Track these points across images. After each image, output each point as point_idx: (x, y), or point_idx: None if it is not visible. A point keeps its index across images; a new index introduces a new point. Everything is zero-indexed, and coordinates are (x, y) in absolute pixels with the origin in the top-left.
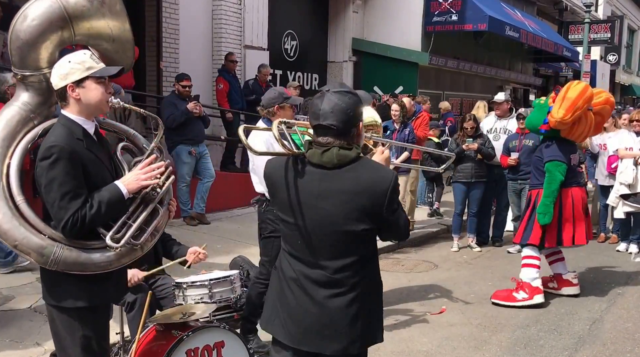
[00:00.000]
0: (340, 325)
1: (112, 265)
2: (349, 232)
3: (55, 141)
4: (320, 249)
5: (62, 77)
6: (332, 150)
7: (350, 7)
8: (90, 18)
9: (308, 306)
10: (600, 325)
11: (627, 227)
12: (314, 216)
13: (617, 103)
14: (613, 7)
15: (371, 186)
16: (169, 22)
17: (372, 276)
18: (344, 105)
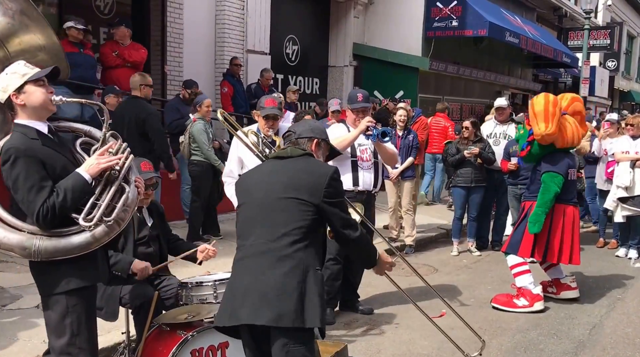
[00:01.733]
0: (273, 293)
1: (93, 245)
2: (285, 198)
3: (10, 144)
4: (263, 218)
5: (3, 90)
6: (288, 147)
7: (352, 13)
8: (17, 34)
9: (247, 279)
10: (600, 330)
11: (626, 232)
12: (263, 187)
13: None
14: (612, 14)
15: (313, 169)
16: (173, 27)
17: (309, 259)
18: (308, 124)
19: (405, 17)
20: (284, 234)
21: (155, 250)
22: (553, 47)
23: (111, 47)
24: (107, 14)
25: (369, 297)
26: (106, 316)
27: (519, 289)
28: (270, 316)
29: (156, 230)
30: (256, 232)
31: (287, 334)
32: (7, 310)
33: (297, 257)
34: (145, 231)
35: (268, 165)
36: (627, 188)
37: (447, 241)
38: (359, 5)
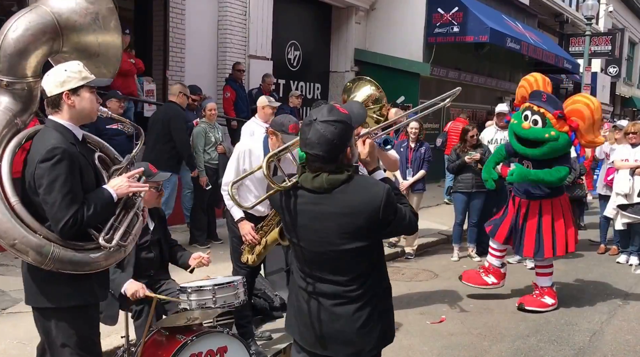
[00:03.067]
0: (350, 331)
1: (101, 265)
2: (346, 251)
3: (57, 143)
4: (323, 266)
5: (58, 85)
6: (321, 175)
7: (353, 19)
8: (80, 32)
9: (318, 314)
10: (600, 337)
11: (626, 239)
12: (312, 237)
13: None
14: (614, 20)
15: (364, 206)
16: (175, 32)
17: (379, 283)
18: (330, 136)
19: (407, 23)
20: (351, 280)
21: (157, 255)
22: (554, 53)
23: (127, 55)
24: None
25: None
26: (105, 319)
27: (542, 289)
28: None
29: (157, 234)
30: (319, 277)
31: None
32: (7, 313)
33: (368, 293)
34: (147, 236)
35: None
36: (626, 195)
37: (447, 247)
38: (360, 11)
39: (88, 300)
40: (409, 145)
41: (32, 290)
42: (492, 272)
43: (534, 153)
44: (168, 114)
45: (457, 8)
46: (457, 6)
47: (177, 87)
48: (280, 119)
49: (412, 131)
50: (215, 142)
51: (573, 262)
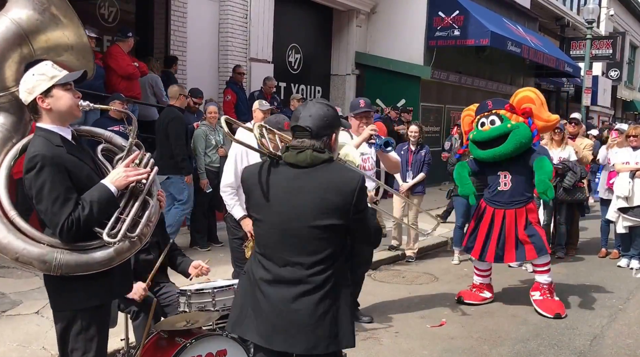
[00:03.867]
0: (307, 323)
1: (114, 261)
2: (317, 227)
3: (35, 151)
4: (291, 245)
5: (29, 91)
6: (306, 151)
7: (354, 22)
8: (45, 30)
9: (278, 305)
10: (601, 341)
11: (627, 242)
12: (286, 210)
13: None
14: (615, 24)
15: (341, 184)
16: (177, 35)
17: (341, 278)
18: (322, 113)
19: (408, 26)
20: (317, 262)
21: (155, 257)
22: (555, 57)
23: (130, 59)
24: (112, 23)
25: (369, 306)
26: None
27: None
28: (306, 346)
29: (156, 237)
30: (284, 258)
31: None
32: (6, 316)
33: (331, 281)
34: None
35: (287, 177)
36: (626, 198)
37: (448, 250)
38: (361, 15)
39: (103, 299)
40: (409, 148)
41: (52, 295)
42: (485, 287)
43: (503, 150)
44: (168, 117)
45: (458, 11)
46: (458, 10)
47: (175, 90)
48: (274, 118)
49: (412, 135)
50: (215, 145)
51: (574, 266)
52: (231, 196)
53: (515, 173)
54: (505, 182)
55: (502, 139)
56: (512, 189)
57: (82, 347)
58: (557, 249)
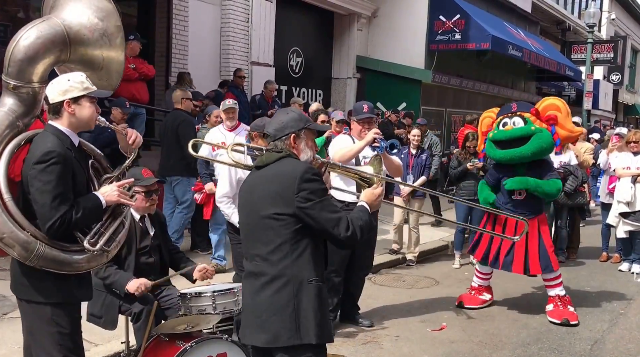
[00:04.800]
0: (266, 315)
1: (83, 267)
2: (266, 217)
3: (52, 147)
4: (252, 239)
5: (61, 93)
6: (266, 153)
7: (355, 25)
8: (87, 46)
9: (247, 299)
10: (601, 345)
11: (628, 247)
12: (247, 207)
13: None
14: (616, 28)
15: (283, 174)
16: (178, 39)
17: (301, 272)
18: (279, 118)
19: (409, 30)
20: (271, 252)
21: (157, 260)
22: (556, 61)
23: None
24: None
25: (370, 310)
26: (105, 324)
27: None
28: (267, 338)
29: (158, 240)
30: (250, 253)
31: (286, 352)
32: (7, 318)
33: (287, 273)
34: (147, 241)
35: (250, 178)
36: (628, 203)
37: (448, 254)
38: (362, 18)
39: (67, 298)
40: (409, 151)
41: (17, 280)
42: (484, 289)
43: (523, 151)
44: (177, 120)
45: (459, 15)
46: (459, 13)
47: (178, 94)
48: (260, 122)
49: (413, 138)
50: None
51: (575, 270)
52: (228, 205)
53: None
54: (520, 191)
55: (523, 140)
56: (526, 199)
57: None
58: (558, 254)
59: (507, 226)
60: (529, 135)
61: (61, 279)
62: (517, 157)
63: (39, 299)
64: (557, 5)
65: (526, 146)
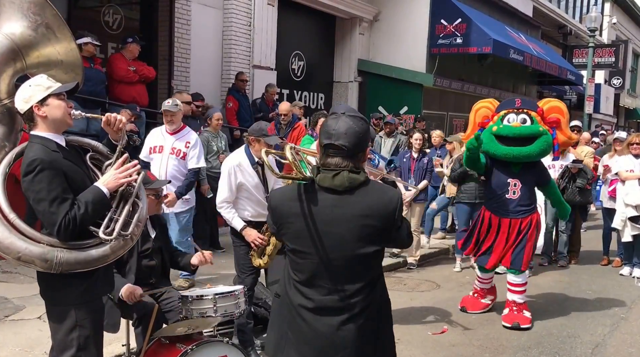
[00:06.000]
0: (352, 346)
1: (110, 258)
2: (362, 255)
3: (35, 155)
4: (334, 274)
5: (26, 101)
6: (342, 173)
7: (357, 29)
8: (38, 46)
9: (324, 333)
10: (603, 349)
11: (630, 251)
12: (329, 241)
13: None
14: (618, 32)
15: (381, 208)
16: (180, 42)
17: (382, 296)
18: (357, 129)
19: (410, 34)
20: (361, 288)
21: (158, 263)
22: (558, 65)
23: (126, 63)
24: (116, 30)
25: None
26: (107, 327)
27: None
28: None
29: (159, 242)
30: (327, 287)
31: None
32: (10, 321)
33: (375, 302)
34: (148, 244)
35: (325, 205)
36: (636, 207)
37: (449, 257)
38: (364, 22)
39: (92, 296)
40: (411, 155)
41: (42, 287)
42: (487, 292)
43: (528, 151)
44: None
45: (461, 19)
46: (460, 17)
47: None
48: (257, 126)
49: (415, 142)
50: (217, 151)
51: (576, 274)
52: (228, 210)
53: (525, 183)
54: (515, 190)
55: (527, 140)
56: (520, 198)
57: (77, 344)
58: (559, 258)
59: (502, 226)
60: (535, 136)
61: (86, 278)
62: (523, 157)
63: (64, 302)
64: (558, 9)
65: (533, 147)
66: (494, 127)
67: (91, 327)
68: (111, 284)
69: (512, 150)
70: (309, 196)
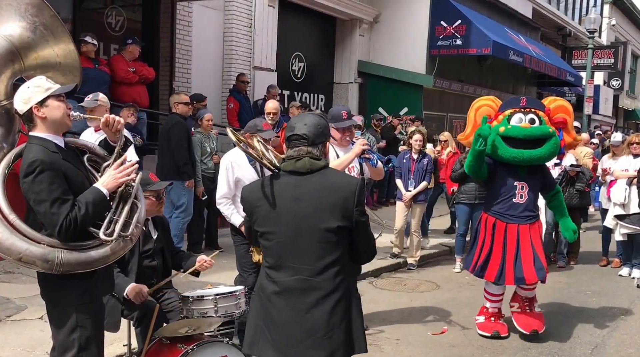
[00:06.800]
0: (324, 331)
1: (110, 259)
2: (324, 230)
3: (34, 156)
4: (300, 252)
5: (25, 101)
6: (304, 159)
7: (357, 31)
8: (36, 47)
9: (292, 317)
10: (602, 350)
11: (628, 251)
12: (293, 218)
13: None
14: (617, 34)
15: (340, 186)
16: (182, 44)
17: (352, 285)
18: (316, 122)
19: (410, 36)
20: (327, 266)
21: (159, 263)
22: (557, 66)
23: (123, 64)
24: (118, 31)
25: (370, 314)
26: (108, 326)
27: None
28: (323, 355)
29: (160, 243)
30: (293, 267)
31: None
32: (11, 321)
33: (342, 287)
34: (150, 244)
35: (288, 185)
36: (623, 205)
37: (449, 258)
38: (364, 24)
39: (92, 296)
40: (411, 156)
41: (42, 288)
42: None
43: (539, 153)
44: (169, 123)
45: (460, 21)
46: (460, 19)
47: (171, 99)
48: (252, 123)
49: (415, 143)
50: (210, 152)
51: (575, 275)
52: (227, 206)
53: (532, 186)
54: (522, 194)
55: (538, 142)
56: (527, 202)
57: (78, 344)
58: (559, 258)
59: (509, 233)
60: (545, 137)
61: (86, 278)
62: (535, 160)
63: (65, 302)
64: (557, 11)
65: (542, 149)
66: (500, 127)
67: (92, 328)
68: (111, 284)
69: (523, 153)
70: (274, 180)
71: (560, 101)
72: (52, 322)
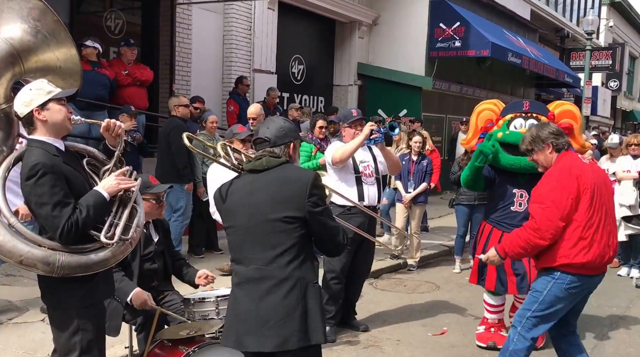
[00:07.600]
0: (276, 320)
1: (110, 262)
2: (274, 220)
3: (36, 160)
4: (253, 243)
5: (26, 104)
6: (263, 158)
7: (356, 33)
8: (37, 51)
9: (248, 306)
10: (601, 349)
11: (628, 252)
12: (249, 210)
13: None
14: (614, 35)
15: (293, 179)
16: (182, 47)
17: (307, 274)
18: (279, 125)
19: (409, 38)
20: (278, 255)
21: (160, 266)
22: (555, 67)
23: (120, 67)
24: (118, 34)
25: (371, 314)
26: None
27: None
28: (275, 342)
29: (161, 246)
30: (249, 257)
31: (295, 355)
32: (12, 323)
33: (295, 276)
34: (151, 247)
35: (246, 182)
36: (630, 207)
37: (449, 258)
38: (363, 26)
39: (92, 300)
40: (410, 158)
41: (43, 292)
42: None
43: None
44: (169, 126)
45: (459, 23)
46: (459, 21)
47: (170, 102)
48: (229, 130)
49: (415, 145)
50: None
51: None
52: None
53: None
54: (521, 202)
55: None
56: (527, 211)
57: (80, 348)
58: None
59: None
60: None
61: (86, 282)
62: (532, 168)
63: (65, 306)
64: (555, 12)
65: None
66: (499, 133)
67: (93, 331)
68: (112, 288)
69: (520, 160)
70: (235, 179)
71: (567, 106)
72: (53, 325)
